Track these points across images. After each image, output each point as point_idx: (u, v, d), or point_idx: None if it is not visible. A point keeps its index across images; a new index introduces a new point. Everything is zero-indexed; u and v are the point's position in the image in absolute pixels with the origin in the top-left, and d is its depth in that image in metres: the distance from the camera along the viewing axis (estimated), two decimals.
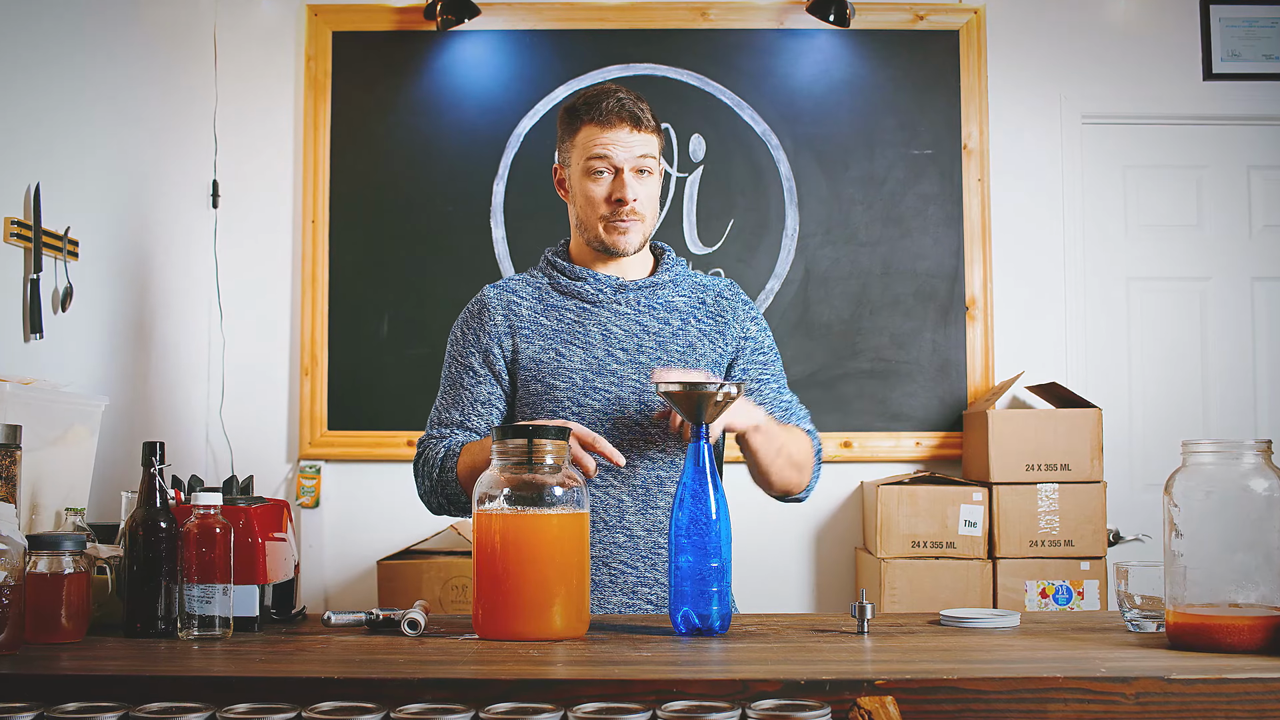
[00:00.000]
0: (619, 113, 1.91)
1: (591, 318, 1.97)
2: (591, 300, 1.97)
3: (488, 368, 1.97)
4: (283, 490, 3.62)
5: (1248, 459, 1.41)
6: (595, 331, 1.95)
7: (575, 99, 1.99)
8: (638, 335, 1.96)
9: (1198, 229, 3.72)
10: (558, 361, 1.93)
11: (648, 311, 1.98)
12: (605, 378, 1.92)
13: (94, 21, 2.93)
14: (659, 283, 2.00)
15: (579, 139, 1.95)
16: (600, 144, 1.92)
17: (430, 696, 1.18)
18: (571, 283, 1.99)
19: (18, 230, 2.53)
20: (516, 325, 1.97)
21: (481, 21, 3.60)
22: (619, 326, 1.96)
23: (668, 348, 1.95)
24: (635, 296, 1.98)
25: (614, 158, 1.92)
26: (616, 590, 1.91)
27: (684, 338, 1.97)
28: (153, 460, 1.56)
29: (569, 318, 1.97)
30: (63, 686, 1.23)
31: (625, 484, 1.91)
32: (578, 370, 1.92)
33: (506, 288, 2.03)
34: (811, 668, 1.27)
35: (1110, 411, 3.54)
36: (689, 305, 2.01)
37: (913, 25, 3.66)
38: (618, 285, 1.98)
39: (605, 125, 1.92)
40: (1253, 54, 3.65)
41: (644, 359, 1.94)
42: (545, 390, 1.93)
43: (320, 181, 3.64)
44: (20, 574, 1.42)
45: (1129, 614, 1.58)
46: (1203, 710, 1.20)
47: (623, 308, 1.97)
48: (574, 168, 1.97)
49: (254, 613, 1.60)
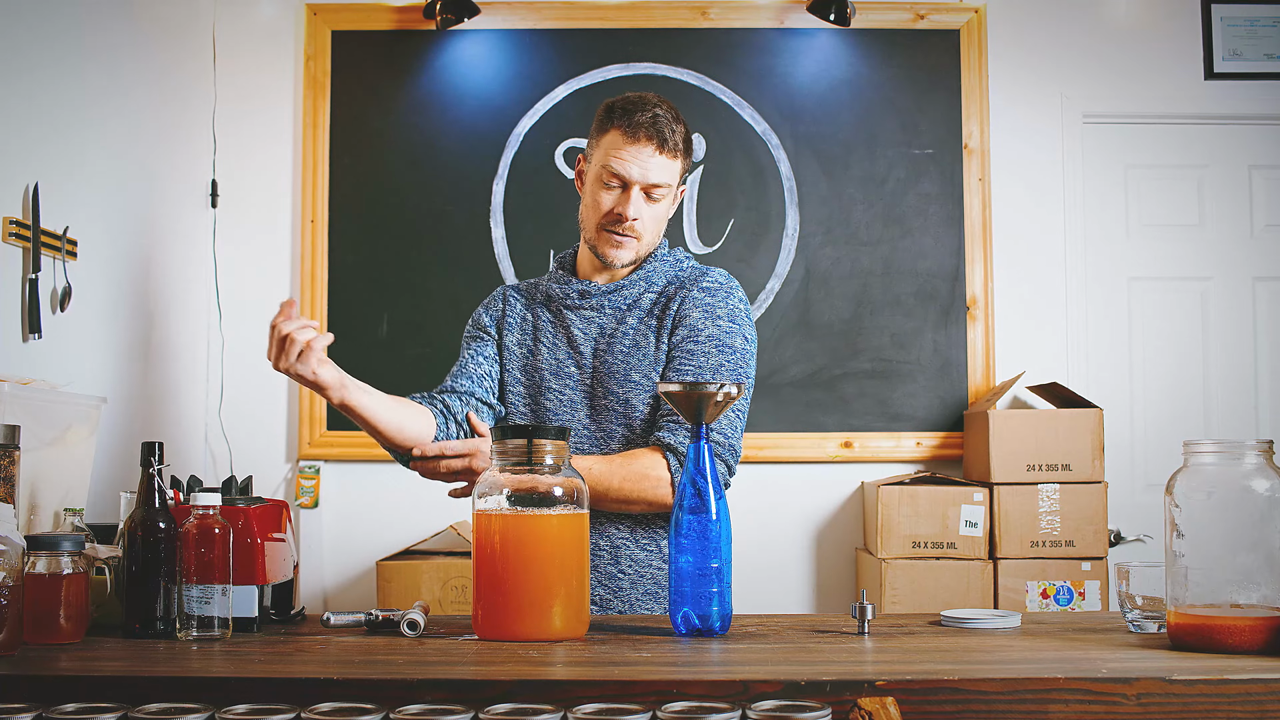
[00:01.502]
0: (648, 129, 1.90)
1: (561, 321, 2.03)
2: (563, 305, 2.03)
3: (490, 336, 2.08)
4: (282, 490, 3.61)
5: (1249, 459, 1.41)
6: (561, 334, 2.02)
7: (618, 99, 1.97)
8: (594, 338, 2.00)
9: (1199, 229, 3.72)
10: (528, 358, 2.03)
11: (611, 314, 2.01)
12: (561, 380, 1.98)
13: (92, 21, 2.93)
14: (626, 284, 2.01)
15: (604, 141, 1.95)
16: (619, 157, 1.91)
17: (430, 697, 1.17)
18: (550, 286, 2.06)
19: (16, 230, 2.53)
20: (509, 319, 2.08)
21: (481, 20, 3.60)
22: (580, 330, 2.01)
23: (614, 349, 1.98)
24: (598, 300, 2.01)
25: (628, 175, 1.92)
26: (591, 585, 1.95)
27: (632, 338, 1.98)
28: (151, 460, 1.56)
29: (545, 318, 2.05)
30: (61, 687, 1.23)
31: None
32: (539, 369, 2.01)
33: (514, 288, 2.14)
34: (812, 668, 1.27)
35: (1111, 412, 3.53)
36: (652, 301, 2.01)
37: (913, 24, 3.66)
38: (582, 290, 2.01)
39: (631, 138, 1.91)
40: (1254, 53, 3.65)
41: (596, 362, 1.98)
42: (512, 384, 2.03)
43: (319, 181, 3.64)
44: (19, 574, 1.42)
45: (1130, 615, 1.58)
46: (1204, 711, 1.20)
47: (588, 311, 2.02)
48: (592, 167, 1.99)
49: (253, 613, 1.59)
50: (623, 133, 1.91)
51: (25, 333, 2.57)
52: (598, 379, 1.97)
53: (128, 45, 3.13)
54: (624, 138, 1.91)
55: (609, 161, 1.92)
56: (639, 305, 2.00)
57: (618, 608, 1.91)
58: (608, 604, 1.92)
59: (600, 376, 1.97)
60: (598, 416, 1.96)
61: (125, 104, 3.11)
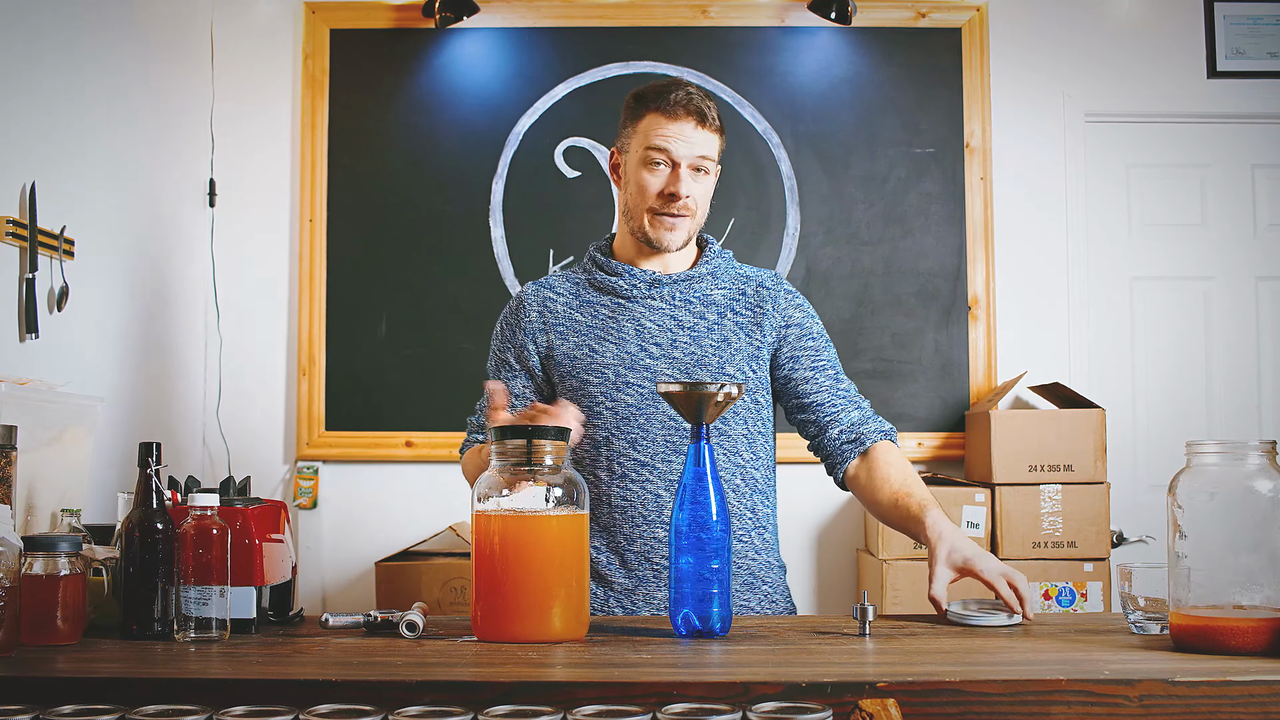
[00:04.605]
0: (686, 105, 1.89)
1: (626, 313, 1.96)
2: (626, 295, 1.96)
3: (521, 364, 1.99)
4: (280, 491, 3.61)
5: (1252, 460, 1.40)
6: (629, 327, 1.95)
7: (645, 87, 1.97)
8: (671, 330, 1.94)
9: (1201, 228, 3.71)
10: (591, 357, 1.94)
11: (683, 306, 1.96)
12: (638, 373, 1.92)
13: (90, 20, 2.92)
14: (696, 276, 1.98)
15: (641, 126, 1.93)
16: (661, 135, 1.90)
17: (429, 699, 1.17)
18: (607, 278, 1.98)
19: (13, 229, 2.52)
20: (551, 322, 1.98)
21: (480, 19, 3.59)
22: (653, 321, 1.95)
23: (702, 342, 1.94)
24: (670, 291, 1.96)
25: (673, 151, 1.90)
26: (660, 585, 1.90)
27: (719, 332, 1.95)
28: (149, 461, 1.55)
29: (603, 313, 1.97)
30: (59, 689, 1.22)
31: (662, 480, 1.90)
32: (610, 366, 1.93)
33: (545, 284, 2.03)
34: (813, 670, 1.27)
35: (1114, 412, 3.53)
36: (727, 298, 1.99)
37: (915, 23, 3.65)
38: (652, 280, 1.96)
39: (671, 116, 1.90)
40: (1257, 52, 3.64)
41: (678, 354, 1.93)
42: (580, 386, 1.94)
43: (318, 180, 3.63)
44: (16, 576, 1.41)
45: (1132, 616, 1.57)
46: (1207, 713, 1.19)
47: (657, 302, 1.96)
48: (632, 155, 1.95)
49: (251, 615, 1.59)
50: (661, 114, 1.90)
51: (22, 332, 2.56)
52: (684, 371, 1.92)
53: (125, 44, 3.13)
54: (664, 117, 1.90)
55: (652, 142, 1.90)
56: (712, 300, 1.97)
57: None
58: None
59: (687, 368, 1.92)
60: None
61: (123, 103, 3.11)
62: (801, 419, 2.00)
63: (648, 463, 1.91)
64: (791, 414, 2.02)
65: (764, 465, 2.00)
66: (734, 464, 1.94)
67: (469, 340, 3.57)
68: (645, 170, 1.92)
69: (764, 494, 1.99)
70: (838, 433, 1.96)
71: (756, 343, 1.97)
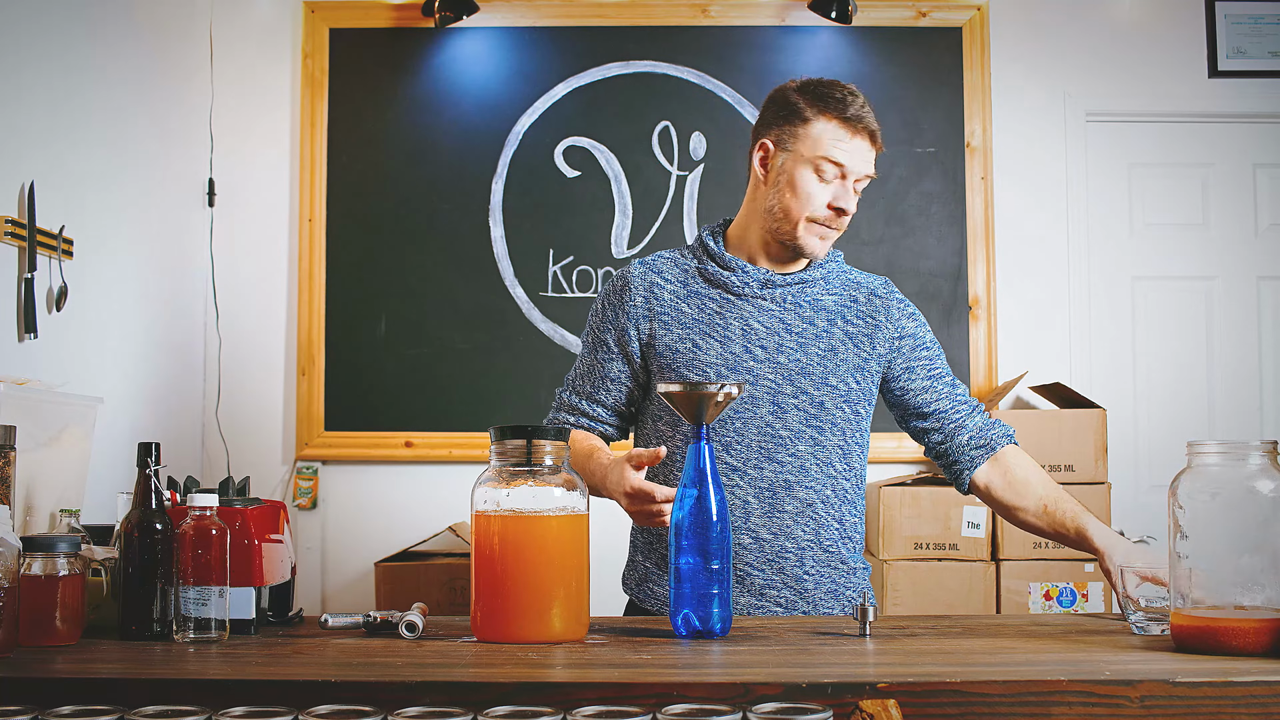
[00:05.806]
0: (866, 123, 1.88)
1: (734, 310, 1.91)
2: (736, 292, 1.92)
3: (620, 347, 1.94)
4: (279, 491, 3.60)
5: (1254, 460, 1.40)
6: (735, 325, 1.90)
7: (816, 85, 1.90)
8: (779, 333, 1.90)
9: (1203, 227, 3.71)
10: (693, 353, 1.89)
11: (793, 309, 1.92)
12: (739, 375, 1.88)
13: (89, 19, 2.92)
14: (808, 280, 1.93)
15: (815, 129, 1.87)
16: (843, 149, 1.86)
17: (428, 700, 1.17)
18: (720, 271, 1.93)
19: (12, 229, 2.52)
20: (656, 310, 1.92)
21: (480, 18, 3.59)
22: (760, 323, 1.91)
23: (808, 349, 1.90)
24: (783, 293, 1.92)
25: (849, 166, 1.87)
26: (744, 591, 1.87)
27: (827, 340, 1.91)
28: (148, 461, 1.55)
29: (710, 308, 1.92)
30: (57, 690, 1.22)
31: (752, 486, 1.87)
32: (712, 364, 1.88)
33: (653, 267, 1.97)
34: (813, 670, 1.26)
35: (1115, 412, 3.52)
36: (839, 304, 1.95)
37: (915, 22, 3.65)
38: (765, 280, 1.91)
39: (854, 130, 1.87)
40: (1258, 51, 3.64)
41: (783, 359, 1.89)
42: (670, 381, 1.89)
43: (317, 180, 3.63)
44: (14, 576, 1.41)
45: (1133, 616, 1.57)
46: (1208, 713, 1.19)
47: (768, 303, 1.91)
48: (797, 156, 1.88)
49: (250, 615, 1.58)
50: (844, 124, 1.86)
51: (21, 332, 2.56)
52: (786, 377, 1.89)
53: (124, 43, 3.12)
54: (846, 129, 1.86)
55: (832, 153, 1.86)
56: (823, 306, 1.93)
57: (803, 609, 1.88)
58: (793, 605, 1.88)
59: (790, 375, 1.88)
60: (784, 416, 1.87)
61: (122, 102, 3.10)
62: (922, 426, 1.98)
63: (739, 468, 1.86)
64: (908, 421, 1.99)
65: (855, 477, 1.95)
66: (825, 474, 1.90)
67: (469, 340, 3.57)
68: (816, 178, 1.87)
69: (852, 504, 1.94)
70: (966, 439, 1.94)
71: (865, 354, 1.93)
